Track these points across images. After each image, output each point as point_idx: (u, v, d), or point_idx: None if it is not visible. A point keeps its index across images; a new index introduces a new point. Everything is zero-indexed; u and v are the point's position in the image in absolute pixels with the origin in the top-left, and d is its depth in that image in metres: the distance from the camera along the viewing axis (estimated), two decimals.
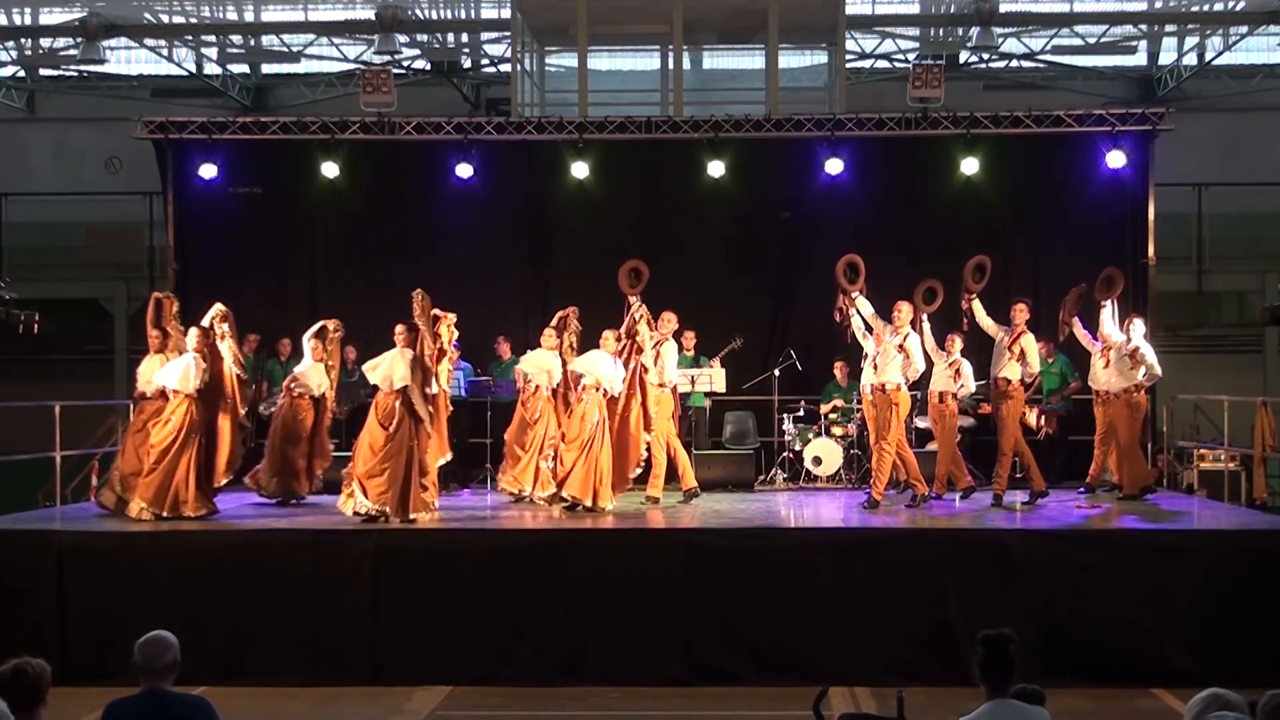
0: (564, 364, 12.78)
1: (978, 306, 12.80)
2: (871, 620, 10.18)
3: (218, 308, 12.14)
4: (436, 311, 12.42)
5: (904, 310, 12.51)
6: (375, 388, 11.59)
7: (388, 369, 11.41)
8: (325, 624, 10.32)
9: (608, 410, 12.14)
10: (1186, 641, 10.02)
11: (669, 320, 13.02)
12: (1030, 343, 12.69)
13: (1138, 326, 12.81)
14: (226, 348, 11.99)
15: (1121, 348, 12.66)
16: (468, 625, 10.31)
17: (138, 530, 11.13)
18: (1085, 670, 9.88)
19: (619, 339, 12.44)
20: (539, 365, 13.03)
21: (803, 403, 15.01)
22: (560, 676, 10.15)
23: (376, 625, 10.35)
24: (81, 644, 10.25)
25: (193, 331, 11.78)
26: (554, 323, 13.11)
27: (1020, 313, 12.71)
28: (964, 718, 4.94)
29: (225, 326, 12.03)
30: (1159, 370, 12.84)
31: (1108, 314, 12.87)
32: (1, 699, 4.80)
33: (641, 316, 12.68)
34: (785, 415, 14.98)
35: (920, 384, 14.16)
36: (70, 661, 9.84)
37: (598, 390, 12.04)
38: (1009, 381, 12.60)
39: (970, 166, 15.54)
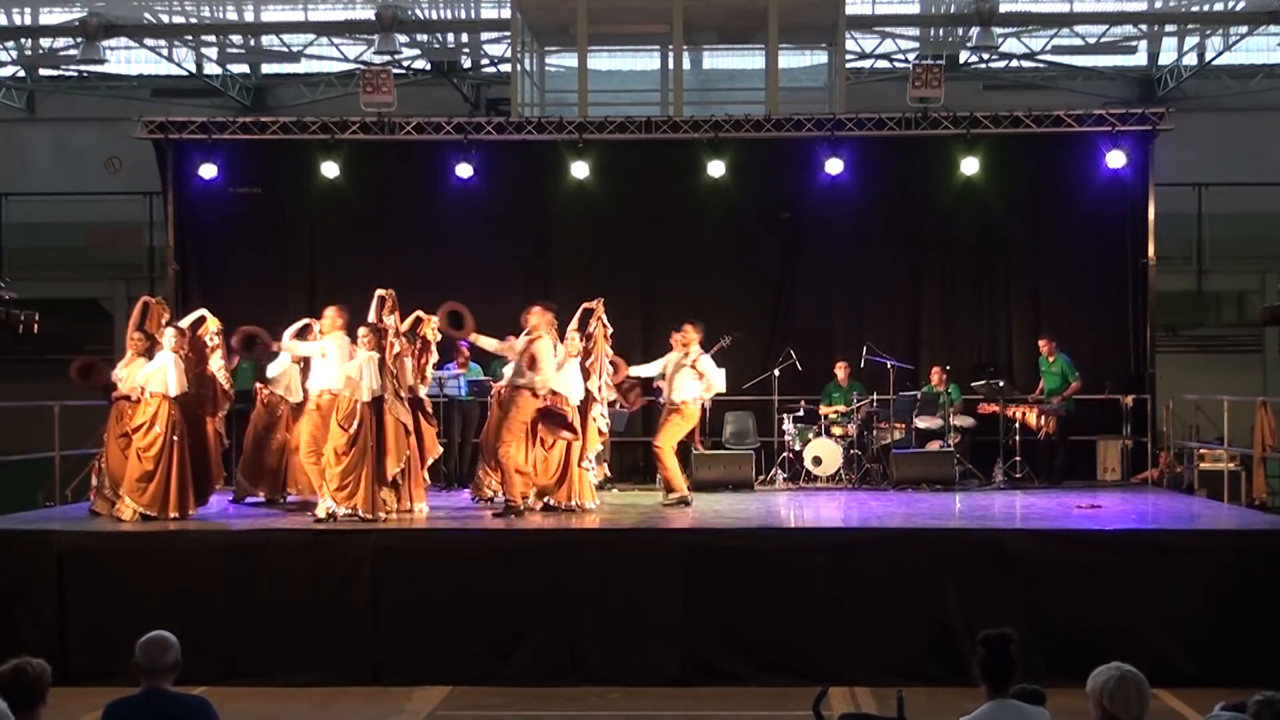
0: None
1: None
2: (871, 620, 10.17)
3: (204, 317, 12.14)
4: (420, 314, 12.41)
5: (689, 332, 12.74)
6: None
7: (356, 375, 11.38)
8: (325, 624, 10.31)
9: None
10: (1187, 642, 10.01)
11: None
12: (708, 363, 12.85)
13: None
14: (218, 362, 12.00)
15: (679, 362, 12.89)
16: (468, 625, 10.30)
17: (138, 530, 11.12)
18: (1085, 670, 9.82)
19: (583, 341, 12.37)
20: None
21: (803, 403, 15.01)
22: (560, 676, 10.14)
23: (376, 625, 10.34)
24: (81, 644, 10.23)
25: (169, 332, 11.70)
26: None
27: (687, 333, 12.91)
28: (964, 718, 4.93)
29: (218, 339, 12.06)
30: (722, 386, 13.16)
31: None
32: (1, 699, 4.80)
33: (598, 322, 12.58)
34: (785, 415, 14.97)
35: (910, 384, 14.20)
36: (70, 661, 9.82)
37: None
38: (684, 400, 12.76)
39: (970, 166, 15.54)
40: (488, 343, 12.24)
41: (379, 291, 11.89)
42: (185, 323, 12.02)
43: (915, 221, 16.04)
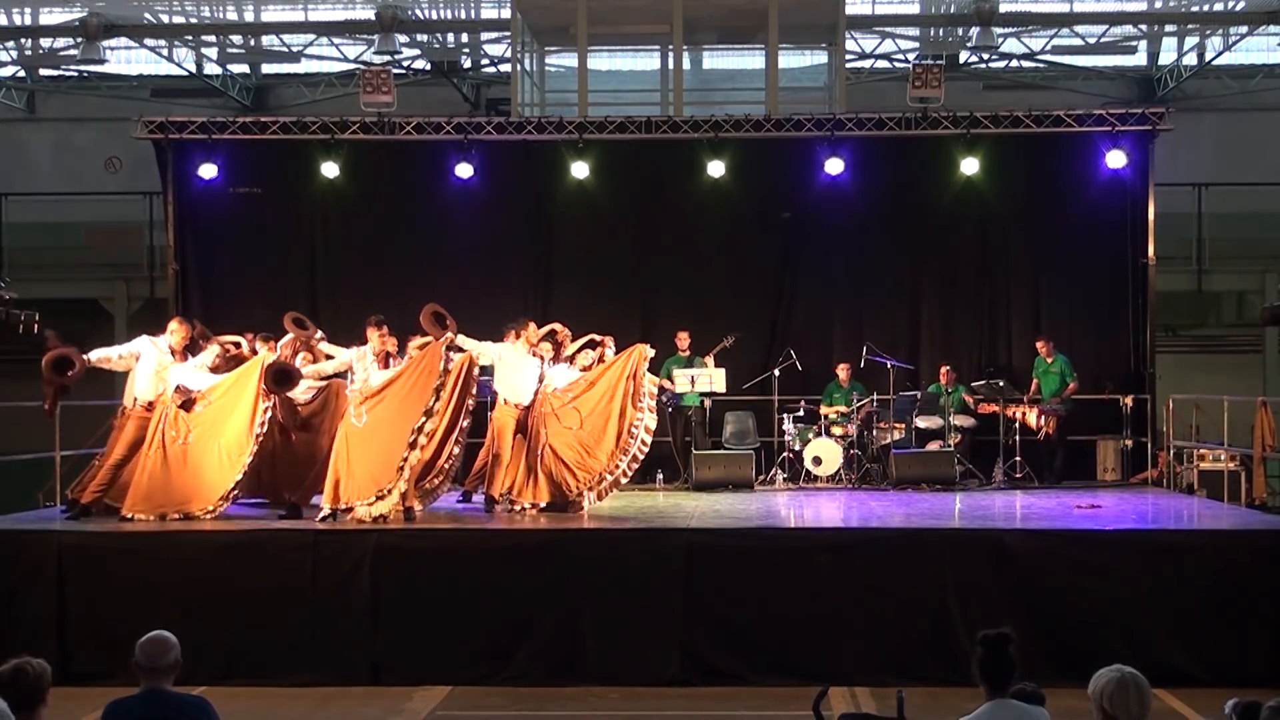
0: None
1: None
2: (871, 620, 10.18)
3: (239, 343, 12.23)
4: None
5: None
6: None
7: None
8: (325, 624, 10.32)
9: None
10: (1186, 641, 10.02)
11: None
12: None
13: None
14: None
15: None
16: (468, 625, 10.31)
17: (138, 530, 11.12)
18: (1085, 670, 9.78)
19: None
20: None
21: (803, 403, 15.01)
22: (560, 676, 10.15)
23: (376, 625, 10.35)
24: (81, 644, 10.25)
25: (214, 348, 11.94)
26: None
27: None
28: (964, 718, 4.93)
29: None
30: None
31: None
32: (2, 699, 4.80)
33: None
34: (785, 415, 14.97)
35: (902, 383, 14.14)
36: (70, 661, 9.86)
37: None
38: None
39: (970, 166, 15.54)
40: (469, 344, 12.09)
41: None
42: (228, 339, 12.22)
43: (915, 222, 16.03)
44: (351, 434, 11.37)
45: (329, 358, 12.14)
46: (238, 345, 12.27)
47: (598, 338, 12.66)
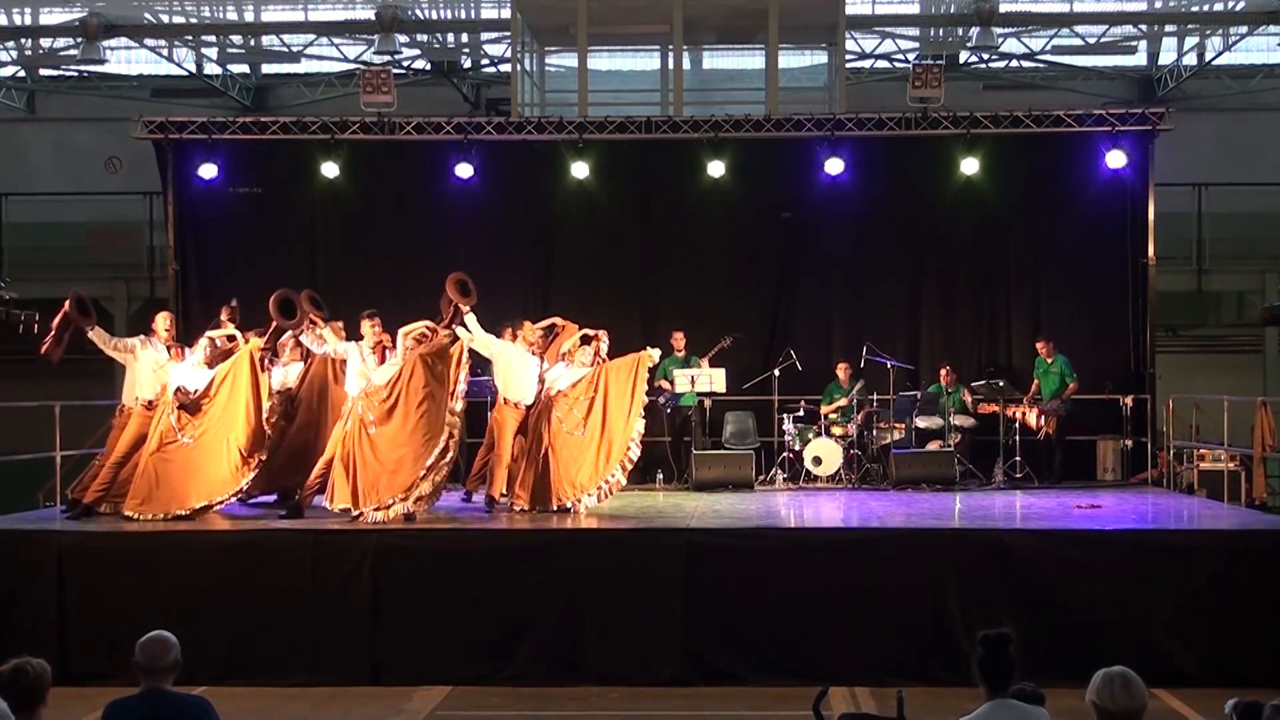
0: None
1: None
2: (872, 620, 10.18)
3: (234, 337, 12.24)
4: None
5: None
6: None
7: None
8: (325, 624, 10.33)
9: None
10: (1186, 641, 10.02)
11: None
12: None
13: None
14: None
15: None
16: (468, 625, 10.31)
17: (138, 530, 11.13)
18: (1085, 670, 9.78)
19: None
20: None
21: (803, 403, 15.01)
22: (560, 676, 10.16)
23: (376, 625, 10.35)
24: (81, 644, 10.25)
25: (202, 342, 12.01)
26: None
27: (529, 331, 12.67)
28: (964, 718, 4.94)
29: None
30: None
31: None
32: (2, 699, 4.80)
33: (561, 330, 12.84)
34: (785, 415, 14.97)
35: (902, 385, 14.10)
36: (70, 661, 9.86)
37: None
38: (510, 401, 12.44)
39: (970, 166, 15.54)
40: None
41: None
42: (218, 333, 12.22)
43: (915, 222, 16.03)
44: (363, 440, 11.34)
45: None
46: (232, 339, 12.25)
47: (590, 333, 12.64)
